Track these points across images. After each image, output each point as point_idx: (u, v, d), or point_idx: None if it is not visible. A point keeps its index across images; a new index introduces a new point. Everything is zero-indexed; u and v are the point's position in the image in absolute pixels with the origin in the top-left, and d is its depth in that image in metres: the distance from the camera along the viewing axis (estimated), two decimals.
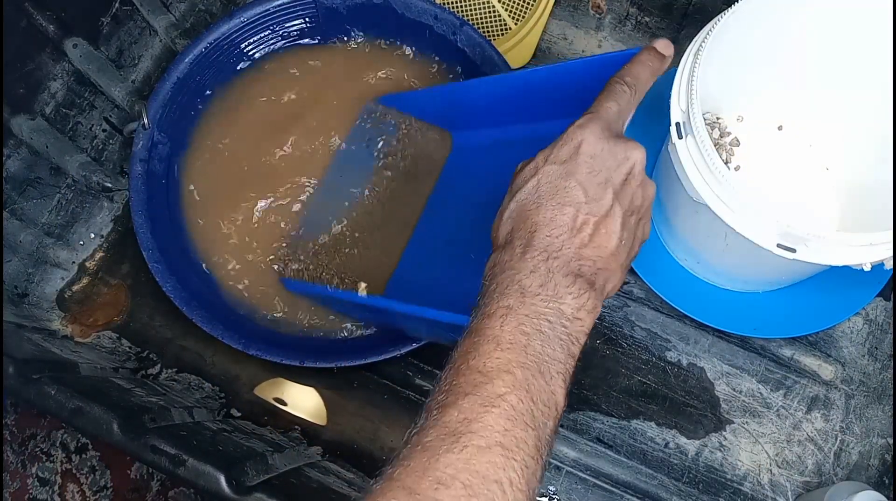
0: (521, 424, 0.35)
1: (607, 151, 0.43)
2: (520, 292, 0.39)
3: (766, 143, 0.55)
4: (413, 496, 0.33)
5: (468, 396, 0.36)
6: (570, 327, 0.40)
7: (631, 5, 0.75)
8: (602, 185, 0.42)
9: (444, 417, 0.35)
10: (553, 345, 0.38)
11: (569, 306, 0.40)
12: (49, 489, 0.72)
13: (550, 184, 0.43)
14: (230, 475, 0.52)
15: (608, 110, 0.44)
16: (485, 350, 0.37)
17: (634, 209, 0.44)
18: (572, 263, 0.41)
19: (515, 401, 0.36)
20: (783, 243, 0.48)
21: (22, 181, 0.66)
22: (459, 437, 0.34)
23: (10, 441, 0.73)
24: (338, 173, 0.67)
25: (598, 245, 0.42)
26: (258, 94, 0.70)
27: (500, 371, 0.36)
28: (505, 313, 0.39)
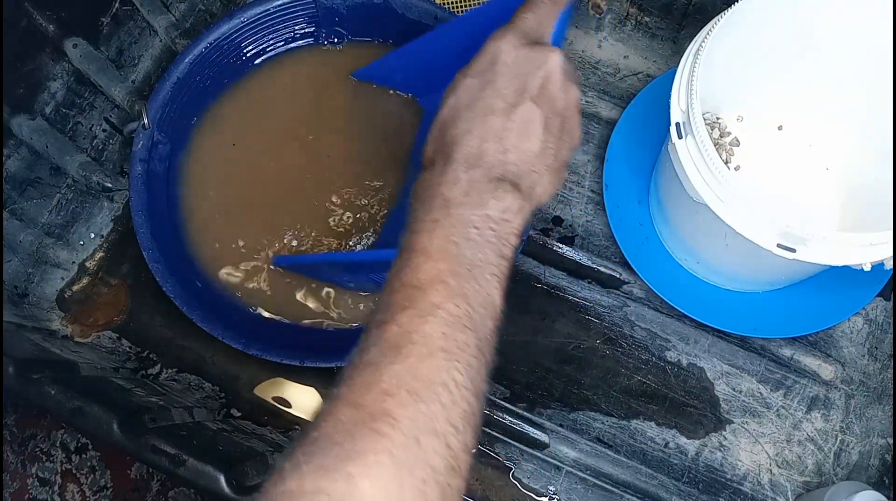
0: (459, 327, 0.36)
1: (523, 58, 0.43)
2: (444, 205, 0.40)
3: (766, 143, 0.55)
4: (359, 409, 0.33)
5: (405, 309, 0.36)
6: (499, 229, 0.40)
7: (631, 5, 0.75)
8: (519, 90, 0.43)
9: (383, 333, 0.36)
10: (483, 249, 0.39)
11: (494, 210, 0.40)
12: (49, 489, 0.72)
13: (468, 97, 0.43)
14: (230, 475, 0.52)
15: (524, 20, 0.45)
16: (416, 264, 0.38)
17: (557, 112, 0.44)
18: (494, 169, 0.41)
19: (452, 307, 0.36)
20: (783, 243, 0.48)
21: (22, 181, 0.66)
22: (401, 349, 0.35)
23: (10, 441, 0.73)
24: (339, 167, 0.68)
25: (520, 149, 0.42)
26: (258, 93, 0.70)
27: (434, 282, 0.37)
28: (432, 226, 0.39)
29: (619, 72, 0.74)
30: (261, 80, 0.70)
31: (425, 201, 0.41)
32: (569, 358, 0.67)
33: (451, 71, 0.59)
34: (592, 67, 0.74)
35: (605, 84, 0.74)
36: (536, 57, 0.43)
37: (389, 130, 0.69)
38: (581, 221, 0.70)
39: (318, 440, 0.32)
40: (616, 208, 0.67)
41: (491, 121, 0.42)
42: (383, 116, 0.69)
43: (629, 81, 0.74)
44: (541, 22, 0.45)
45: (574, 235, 0.70)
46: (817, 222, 0.52)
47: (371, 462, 0.31)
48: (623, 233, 0.67)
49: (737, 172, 0.59)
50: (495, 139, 0.42)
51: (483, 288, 0.38)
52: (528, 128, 0.42)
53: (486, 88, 0.43)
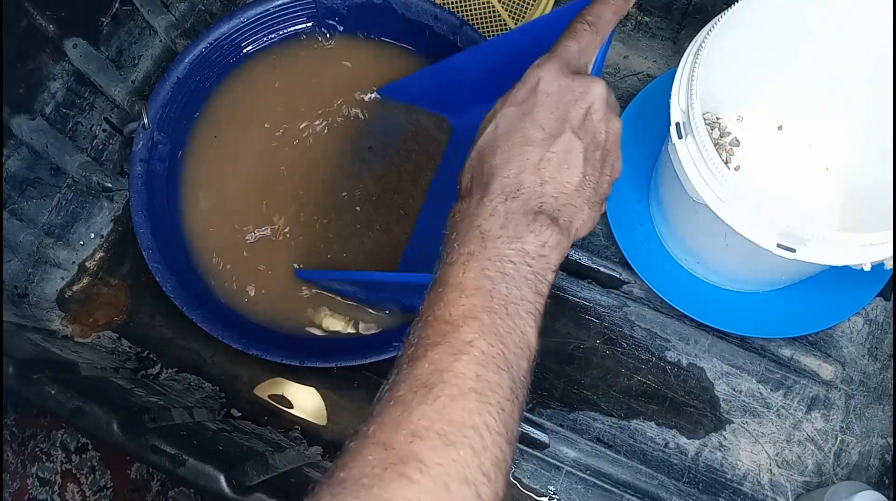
0: (493, 368, 0.35)
1: (565, 88, 0.42)
2: (480, 237, 0.39)
3: (766, 143, 0.55)
4: (388, 450, 0.32)
5: (437, 346, 0.35)
6: (536, 265, 0.39)
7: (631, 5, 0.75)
8: (560, 121, 0.42)
9: (414, 370, 0.35)
10: (519, 285, 0.38)
11: (531, 245, 0.39)
12: (49, 489, 0.72)
13: (507, 125, 0.42)
14: (230, 475, 0.52)
15: (567, 49, 0.44)
16: (449, 299, 0.37)
17: (598, 145, 0.43)
18: (531, 201, 0.40)
19: (485, 346, 0.35)
20: (783, 243, 0.48)
21: (22, 181, 0.66)
22: (431, 388, 0.34)
23: (10, 441, 0.73)
24: (338, 168, 0.67)
25: (559, 181, 0.41)
26: (258, 93, 0.70)
27: (467, 318, 0.36)
28: (467, 259, 0.38)
29: (619, 72, 0.74)
30: (261, 79, 0.70)
31: (461, 232, 0.40)
32: (569, 358, 0.67)
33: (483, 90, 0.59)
34: None
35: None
36: (579, 87, 0.42)
37: (391, 129, 0.69)
38: None
39: (345, 481, 0.32)
40: (616, 208, 0.67)
41: (529, 151, 0.41)
42: (385, 117, 0.69)
43: (629, 81, 0.74)
44: (583, 51, 0.45)
45: None
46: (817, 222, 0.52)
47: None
48: (623, 233, 0.67)
49: (737, 172, 0.59)
50: (534, 171, 0.41)
51: (518, 327, 0.37)
52: (568, 160, 0.41)
53: (526, 117, 0.42)
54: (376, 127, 0.69)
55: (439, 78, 0.64)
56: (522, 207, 0.40)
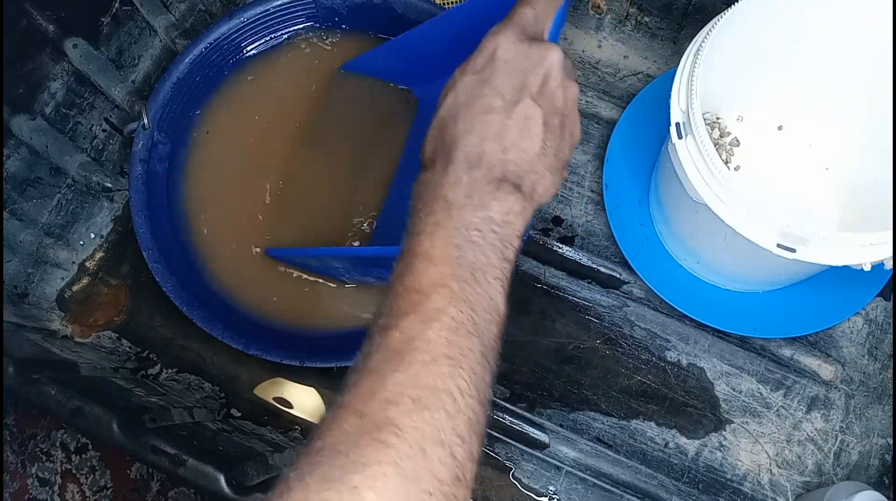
0: (463, 333, 0.36)
1: (522, 54, 0.42)
2: (445, 207, 0.39)
3: (766, 143, 0.55)
4: (363, 418, 0.33)
5: (408, 315, 0.36)
6: (501, 231, 0.39)
7: (631, 5, 0.75)
8: (518, 88, 0.42)
9: (386, 339, 0.35)
10: (486, 252, 0.38)
11: (496, 212, 0.39)
12: (49, 489, 0.72)
13: (467, 94, 0.43)
14: (230, 475, 0.52)
15: (523, 15, 0.44)
16: (418, 268, 0.37)
17: (556, 110, 0.43)
18: (494, 169, 0.41)
19: (455, 312, 0.36)
20: (783, 243, 0.48)
21: (22, 181, 0.66)
22: (404, 355, 0.34)
23: (10, 441, 0.73)
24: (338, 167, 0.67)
25: (521, 148, 0.41)
26: (258, 93, 0.70)
27: (436, 286, 0.36)
28: (434, 229, 0.39)
29: (619, 72, 0.74)
30: (260, 79, 0.70)
31: (426, 202, 0.40)
32: (569, 358, 0.67)
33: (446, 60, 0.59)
34: (592, 67, 0.74)
35: (605, 84, 0.74)
36: (536, 54, 0.43)
37: (387, 122, 0.69)
38: (581, 221, 0.70)
39: (322, 450, 0.32)
40: (616, 208, 0.67)
41: (490, 119, 0.41)
42: (381, 110, 0.69)
43: (629, 81, 0.74)
44: (539, 17, 0.45)
45: (574, 235, 0.70)
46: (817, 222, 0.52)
47: (376, 473, 0.31)
48: (623, 233, 0.67)
49: (737, 172, 0.59)
50: (495, 139, 0.41)
51: (486, 292, 0.38)
52: (528, 126, 0.42)
53: (484, 85, 0.42)
54: (371, 117, 0.68)
55: (403, 50, 0.64)
56: (486, 175, 0.40)
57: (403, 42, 0.63)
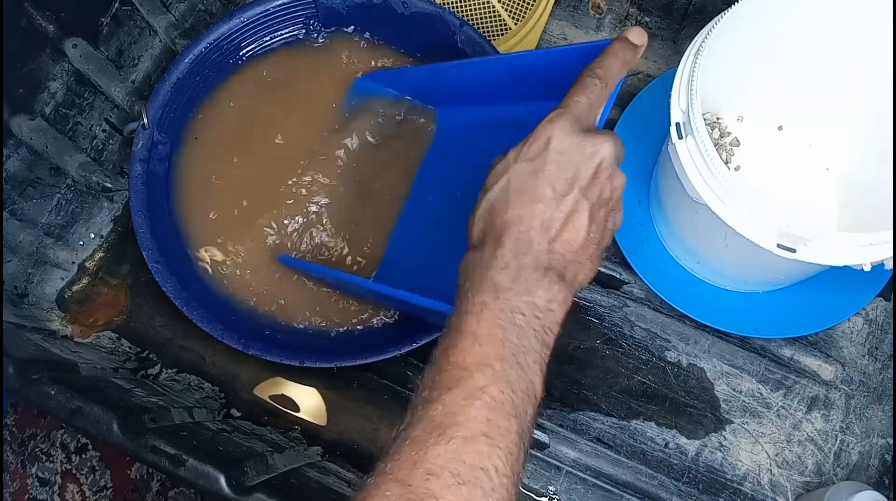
0: (503, 414, 0.37)
1: (575, 146, 0.43)
2: (493, 289, 0.41)
3: (766, 143, 0.55)
4: (405, 487, 0.34)
5: (451, 390, 0.37)
6: (544, 318, 0.41)
7: (631, 5, 0.75)
8: (569, 180, 0.43)
9: (429, 412, 0.37)
10: (528, 336, 0.40)
11: (541, 299, 0.41)
12: (49, 489, 0.72)
13: (519, 182, 0.44)
14: (230, 475, 0.52)
15: (577, 104, 0.45)
16: (463, 346, 0.39)
17: (603, 202, 0.45)
18: (541, 257, 0.42)
19: (496, 392, 0.37)
20: (783, 243, 0.48)
21: (22, 181, 0.66)
22: (445, 429, 0.36)
23: (10, 441, 0.73)
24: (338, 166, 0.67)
25: (566, 240, 0.43)
26: (258, 93, 0.70)
27: (480, 365, 0.38)
28: (480, 309, 0.40)
29: None
30: (261, 79, 0.70)
31: (475, 282, 0.42)
32: (569, 358, 0.67)
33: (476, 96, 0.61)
34: None
35: None
36: (589, 147, 0.44)
37: (393, 132, 0.69)
38: None
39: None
40: None
41: (540, 209, 0.43)
42: (385, 117, 0.69)
43: (629, 80, 0.74)
44: (592, 106, 0.46)
45: None
46: (817, 222, 0.52)
47: None
48: (623, 233, 0.67)
49: (737, 172, 0.59)
50: (543, 229, 0.43)
51: (526, 375, 0.39)
52: (575, 220, 0.43)
53: (537, 175, 0.43)
54: (375, 123, 0.68)
55: (432, 76, 0.65)
56: (533, 262, 0.42)
57: (436, 70, 0.64)
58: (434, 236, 0.63)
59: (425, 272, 0.61)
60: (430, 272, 0.60)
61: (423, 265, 0.62)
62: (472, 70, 0.61)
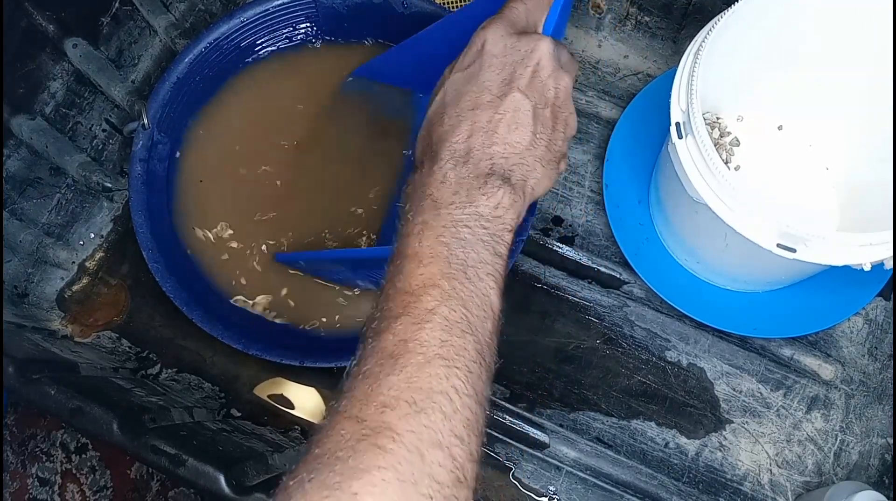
0: (457, 332, 0.35)
1: (510, 48, 0.42)
2: (433, 205, 0.39)
3: (766, 143, 0.55)
4: (360, 423, 0.33)
5: (400, 317, 0.36)
6: (491, 226, 0.39)
7: (631, 5, 0.75)
8: (507, 81, 0.42)
9: (379, 343, 0.35)
10: (476, 248, 0.38)
11: (484, 207, 0.39)
12: (49, 489, 0.72)
13: (454, 91, 0.43)
14: (230, 475, 0.52)
15: (513, 10, 0.44)
16: (408, 270, 0.37)
17: (547, 102, 0.43)
18: (482, 163, 0.40)
19: (447, 312, 0.36)
20: (783, 243, 0.48)
21: (22, 181, 0.66)
22: (398, 358, 0.34)
23: (10, 441, 0.73)
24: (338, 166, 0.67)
25: (508, 142, 0.41)
26: (258, 93, 0.70)
27: (427, 286, 0.36)
28: (421, 229, 0.39)
29: (619, 71, 0.74)
30: (260, 79, 0.70)
31: (414, 202, 0.40)
32: (569, 358, 0.67)
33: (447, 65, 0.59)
34: (592, 66, 0.74)
35: (605, 84, 0.74)
36: (524, 46, 0.42)
37: (389, 126, 0.69)
38: (581, 221, 0.70)
39: (321, 457, 0.32)
40: (616, 208, 0.67)
41: (478, 115, 0.41)
42: (384, 113, 0.69)
43: (629, 80, 0.74)
44: (530, 11, 0.45)
45: (574, 235, 0.70)
46: (817, 222, 0.52)
47: (375, 479, 0.31)
48: (623, 233, 0.67)
49: (737, 172, 0.59)
50: (483, 133, 0.41)
51: (479, 289, 0.37)
52: (517, 119, 0.42)
53: (472, 81, 0.42)
54: (373, 119, 0.68)
55: (410, 53, 0.63)
56: (473, 170, 0.40)
57: (408, 46, 0.63)
58: None
59: None
60: None
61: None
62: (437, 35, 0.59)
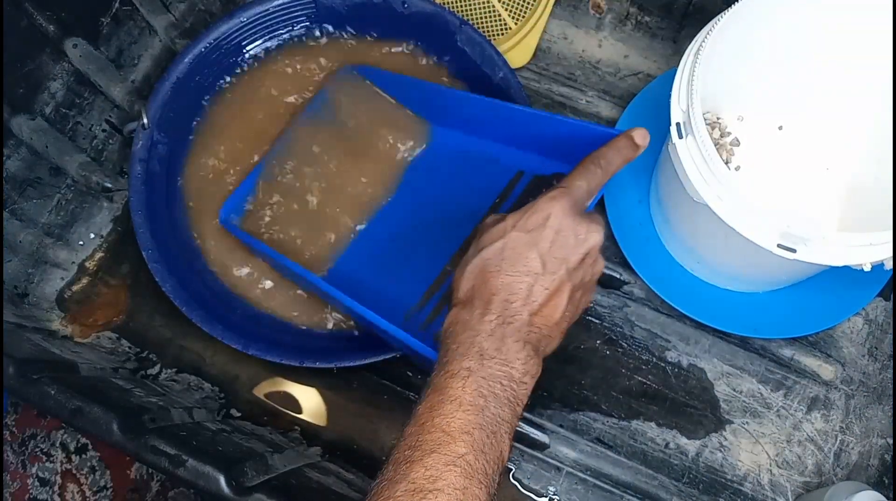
0: (476, 481, 0.39)
1: (570, 229, 0.46)
2: (479, 355, 0.42)
3: (766, 143, 0.55)
4: None
5: (433, 454, 0.39)
6: (517, 390, 0.43)
7: (631, 5, 0.75)
8: (560, 260, 0.46)
9: (411, 473, 0.38)
10: (503, 407, 0.42)
11: (517, 371, 0.43)
12: (49, 489, 0.72)
13: (514, 250, 0.46)
14: (230, 475, 0.52)
15: (579, 188, 0.48)
16: (448, 410, 0.40)
17: (583, 285, 0.48)
18: (523, 329, 0.44)
19: (473, 460, 0.39)
20: (783, 243, 0.48)
21: (22, 181, 0.66)
22: (426, 495, 0.37)
23: (10, 441, 0.73)
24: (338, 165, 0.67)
25: (546, 315, 0.45)
26: (258, 93, 0.70)
27: (462, 432, 0.39)
28: (466, 374, 0.42)
29: (620, 71, 0.74)
30: (260, 79, 0.70)
31: (461, 344, 0.43)
32: (569, 358, 0.67)
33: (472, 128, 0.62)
34: (592, 66, 0.74)
35: (606, 84, 0.74)
36: (583, 232, 0.46)
37: (385, 131, 0.68)
38: None
39: None
40: (616, 207, 0.67)
41: (528, 282, 0.45)
42: (381, 117, 0.69)
43: (629, 80, 0.74)
44: (590, 191, 0.48)
45: None
46: (817, 222, 0.52)
47: None
48: (623, 233, 0.67)
49: (737, 172, 0.59)
50: (528, 301, 0.45)
51: (497, 445, 0.41)
52: (558, 298, 0.45)
53: (532, 248, 0.45)
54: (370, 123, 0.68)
55: (434, 94, 0.64)
56: (515, 333, 0.44)
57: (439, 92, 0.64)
58: (395, 247, 0.63)
59: (376, 279, 0.61)
60: (380, 280, 0.61)
61: (376, 272, 0.62)
62: (473, 105, 0.61)
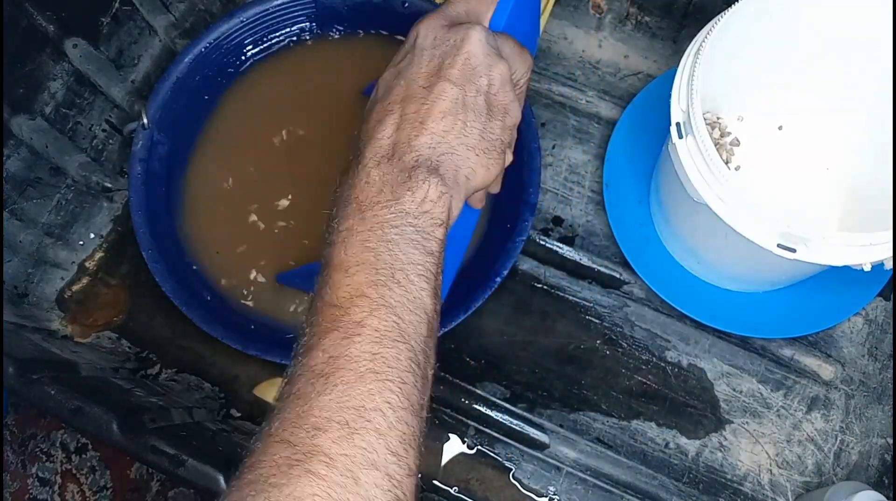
0: (388, 343, 0.34)
1: (440, 40, 0.41)
2: (358, 209, 0.37)
3: (766, 143, 0.55)
4: (293, 447, 0.31)
5: (329, 333, 0.34)
6: (419, 223, 0.37)
7: (631, 5, 0.75)
8: (435, 72, 0.41)
9: (309, 361, 0.34)
10: (405, 249, 0.36)
11: (410, 203, 0.37)
12: (49, 489, 0.72)
13: (385, 87, 0.42)
14: (230, 475, 0.52)
15: (451, 5, 0.43)
16: (335, 281, 0.36)
17: (479, 89, 0.41)
18: (406, 157, 0.38)
19: (377, 322, 0.34)
20: (783, 243, 0.48)
21: (22, 181, 0.66)
22: (328, 377, 0.33)
23: (10, 441, 0.73)
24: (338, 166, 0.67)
25: (436, 131, 0.39)
26: (258, 93, 0.70)
27: (354, 298, 0.35)
28: (346, 235, 0.37)
29: (620, 71, 0.74)
30: (260, 79, 0.70)
31: (340, 207, 0.39)
32: (569, 358, 0.67)
33: None
34: (592, 66, 0.74)
35: (606, 84, 0.74)
36: (454, 36, 0.41)
37: None
38: (581, 221, 0.70)
39: (254, 483, 0.31)
40: (616, 207, 0.67)
41: (405, 107, 0.40)
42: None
43: (629, 80, 0.74)
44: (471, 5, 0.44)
45: (574, 235, 0.70)
46: (817, 222, 0.52)
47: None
48: (623, 233, 0.67)
49: (737, 172, 0.59)
50: (410, 126, 0.39)
51: (410, 293, 0.36)
52: (445, 108, 0.40)
53: (402, 74, 0.41)
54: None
55: None
56: (397, 165, 0.38)
57: None
58: None
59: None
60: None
61: None
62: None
